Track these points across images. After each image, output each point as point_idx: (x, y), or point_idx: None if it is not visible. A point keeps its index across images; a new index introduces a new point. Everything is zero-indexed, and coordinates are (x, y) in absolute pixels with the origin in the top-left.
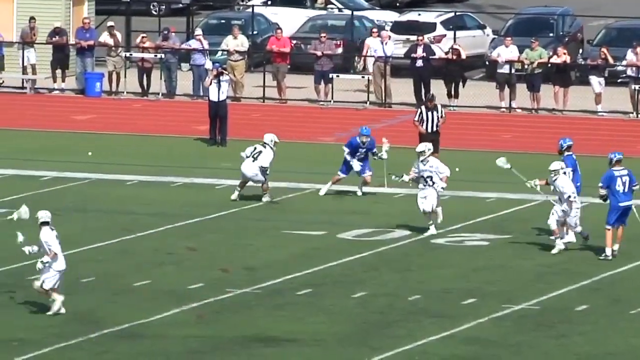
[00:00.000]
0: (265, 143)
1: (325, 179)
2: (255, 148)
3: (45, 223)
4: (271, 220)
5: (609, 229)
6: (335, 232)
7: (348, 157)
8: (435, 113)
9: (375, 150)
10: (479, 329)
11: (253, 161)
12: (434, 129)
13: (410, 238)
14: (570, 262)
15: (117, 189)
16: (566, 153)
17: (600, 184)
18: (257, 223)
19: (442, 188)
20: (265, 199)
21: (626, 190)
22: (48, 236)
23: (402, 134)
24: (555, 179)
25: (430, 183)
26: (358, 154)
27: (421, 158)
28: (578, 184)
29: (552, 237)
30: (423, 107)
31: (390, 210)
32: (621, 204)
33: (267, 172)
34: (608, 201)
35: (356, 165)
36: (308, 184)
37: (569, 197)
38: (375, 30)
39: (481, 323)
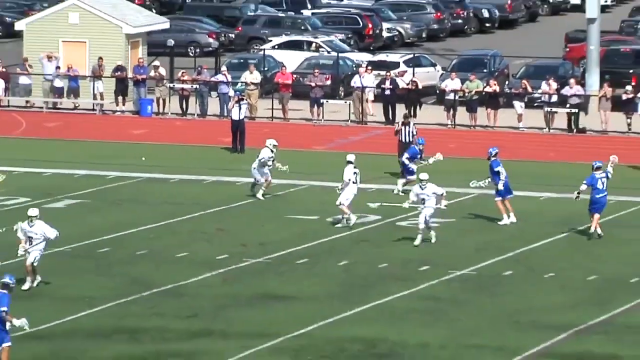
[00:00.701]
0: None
1: (319, 178)
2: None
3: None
4: (277, 209)
5: (593, 215)
6: (326, 217)
7: (407, 162)
8: (408, 128)
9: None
10: (432, 289)
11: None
12: (409, 139)
13: (382, 221)
14: (500, 240)
15: (163, 185)
16: (493, 158)
17: (585, 182)
18: (267, 211)
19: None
20: (258, 194)
21: (604, 188)
22: (43, 227)
23: (375, 144)
24: (426, 187)
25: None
26: (415, 159)
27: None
28: (502, 181)
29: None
30: (400, 123)
31: (365, 201)
32: (598, 196)
33: (266, 164)
34: (577, 198)
35: (414, 167)
36: (305, 182)
37: (442, 194)
38: (362, 67)
39: (433, 284)
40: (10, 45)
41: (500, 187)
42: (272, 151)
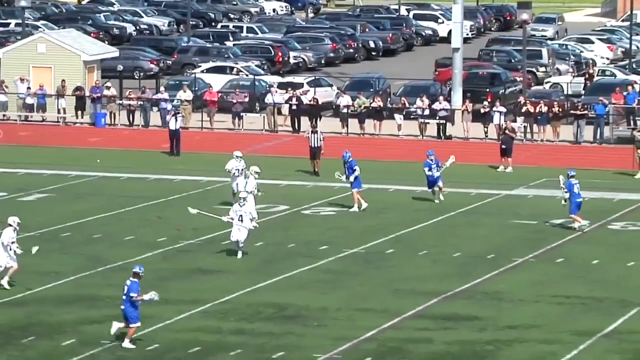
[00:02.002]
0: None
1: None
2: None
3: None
4: (206, 200)
5: (572, 216)
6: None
7: (427, 171)
8: (316, 135)
9: (440, 165)
10: (332, 264)
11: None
12: (317, 144)
13: (288, 211)
14: (383, 224)
15: (114, 182)
16: (350, 159)
17: (565, 190)
18: (195, 201)
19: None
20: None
21: (579, 192)
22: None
23: (285, 149)
24: (244, 205)
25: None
26: (431, 168)
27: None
28: (353, 175)
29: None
30: (309, 131)
31: (275, 194)
32: (577, 200)
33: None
34: (565, 202)
35: (434, 173)
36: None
37: (254, 218)
38: (274, 87)
39: (331, 260)
40: None
41: (352, 179)
42: (237, 161)
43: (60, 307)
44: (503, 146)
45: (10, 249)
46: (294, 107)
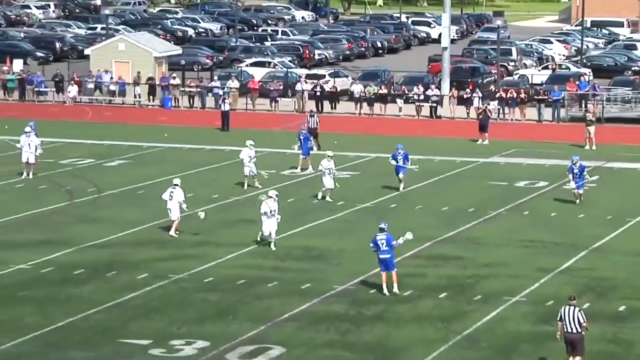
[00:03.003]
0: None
1: (276, 147)
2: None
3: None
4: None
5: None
6: (282, 171)
7: (393, 162)
8: (314, 118)
9: (408, 158)
10: (347, 215)
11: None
12: (315, 126)
13: (312, 175)
14: (387, 185)
15: (177, 152)
16: (304, 131)
17: (569, 172)
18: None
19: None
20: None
21: (578, 177)
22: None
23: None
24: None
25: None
26: (397, 160)
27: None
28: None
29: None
30: (309, 115)
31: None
32: (580, 182)
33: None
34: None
35: (400, 168)
36: (265, 149)
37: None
38: (302, 77)
39: (347, 212)
40: (82, 64)
41: (299, 149)
42: (250, 148)
43: (136, 248)
44: (481, 124)
45: (181, 206)
46: (318, 93)
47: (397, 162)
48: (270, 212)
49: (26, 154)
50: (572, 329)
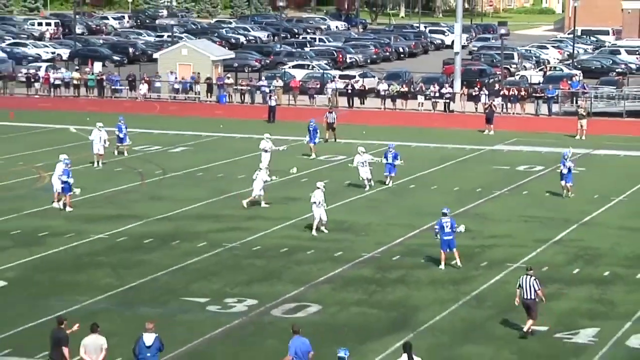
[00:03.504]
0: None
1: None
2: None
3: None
4: (288, 153)
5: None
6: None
7: (384, 161)
8: (332, 114)
9: (398, 157)
10: (373, 194)
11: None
12: (332, 120)
13: (344, 160)
14: (407, 168)
15: (231, 141)
16: (313, 125)
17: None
18: (285, 153)
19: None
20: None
21: (570, 170)
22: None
23: (340, 118)
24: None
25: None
26: (388, 159)
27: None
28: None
29: None
30: (328, 110)
31: (336, 149)
32: (573, 171)
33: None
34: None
35: (389, 166)
36: (301, 138)
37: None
38: (336, 78)
39: (373, 192)
40: (151, 66)
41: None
42: (267, 141)
43: (195, 221)
44: (487, 117)
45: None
46: (349, 91)
47: (387, 160)
48: (319, 203)
49: (97, 146)
50: (528, 295)
